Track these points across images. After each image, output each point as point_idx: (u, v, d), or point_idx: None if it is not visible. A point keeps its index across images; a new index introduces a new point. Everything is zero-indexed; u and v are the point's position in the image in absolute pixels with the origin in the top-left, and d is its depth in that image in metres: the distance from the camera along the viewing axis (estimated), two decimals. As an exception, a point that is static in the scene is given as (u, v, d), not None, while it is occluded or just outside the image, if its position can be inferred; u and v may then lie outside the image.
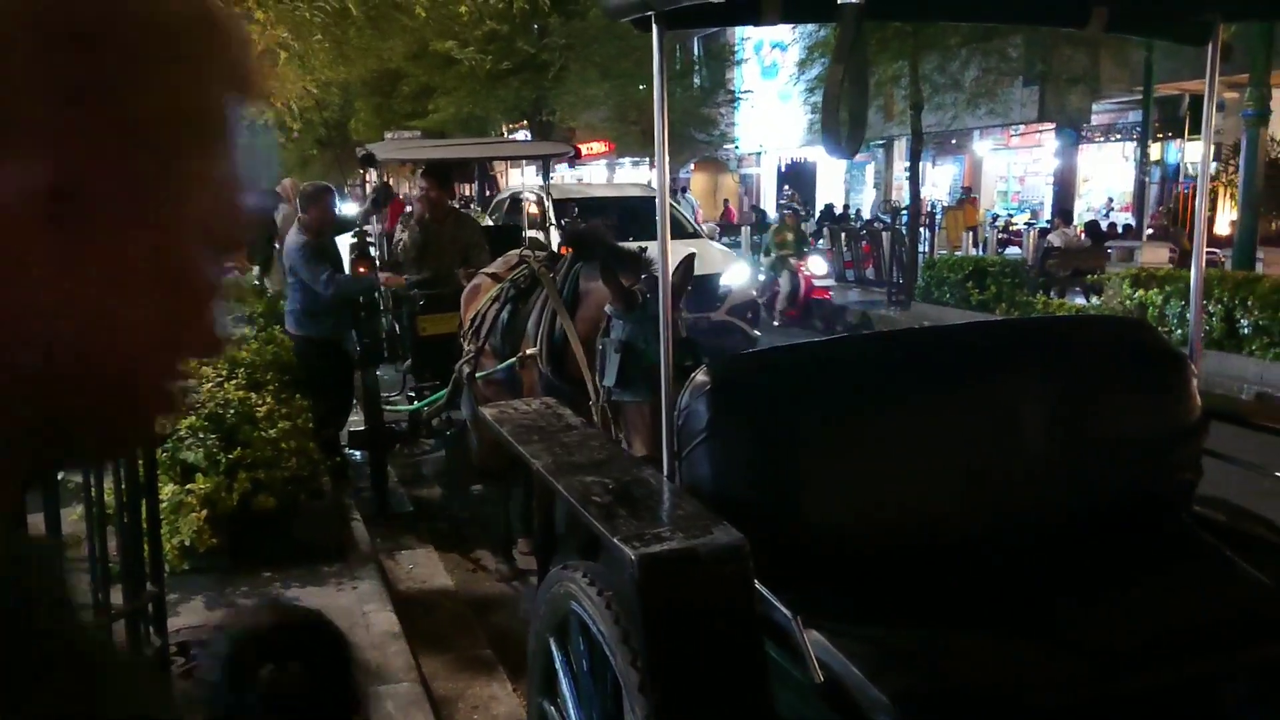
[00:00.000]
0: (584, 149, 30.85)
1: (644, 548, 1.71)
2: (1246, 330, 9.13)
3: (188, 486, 4.04)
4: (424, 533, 5.42)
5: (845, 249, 17.41)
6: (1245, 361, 8.99)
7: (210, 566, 4.10)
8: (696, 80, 24.78)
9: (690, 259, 3.69)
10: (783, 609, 1.79)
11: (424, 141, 11.38)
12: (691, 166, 31.25)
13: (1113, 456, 2.31)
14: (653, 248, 2.77)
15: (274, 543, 4.21)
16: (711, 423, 2.07)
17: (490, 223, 10.74)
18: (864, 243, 16.71)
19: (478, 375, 4.95)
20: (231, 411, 4.45)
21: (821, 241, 19.48)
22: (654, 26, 1.84)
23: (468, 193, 22.94)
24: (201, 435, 4.23)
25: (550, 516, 3.17)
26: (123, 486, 2.79)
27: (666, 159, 1.98)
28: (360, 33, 7.57)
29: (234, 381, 4.87)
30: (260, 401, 4.67)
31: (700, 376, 2.13)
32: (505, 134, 23.17)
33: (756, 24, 1.92)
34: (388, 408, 6.24)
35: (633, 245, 4.23)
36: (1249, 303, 9.11)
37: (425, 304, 6.11)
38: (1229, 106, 16.05)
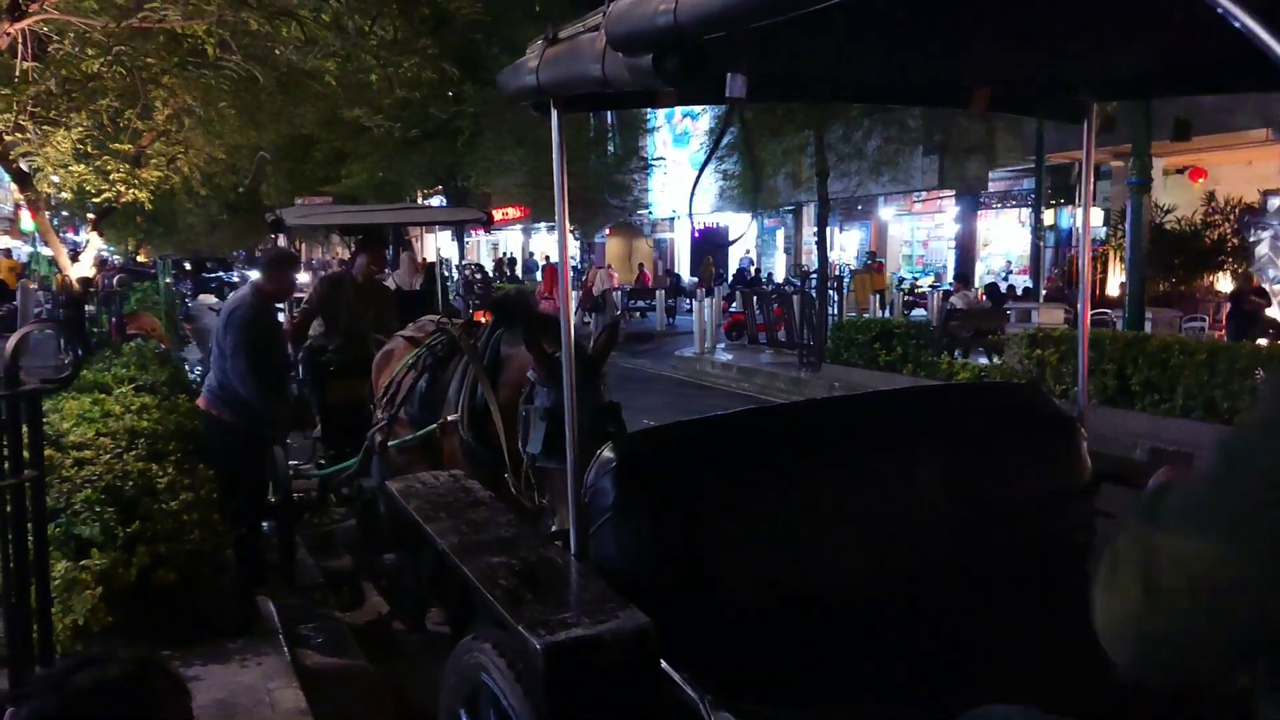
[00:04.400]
0: (499, 214, 31.01)
1: (549, 636, 1.72)
2: (1137, 387, 9.53)
3: (82, 563, 3.88)
4: (334, 604, 5.28)
5: (757, 312, 17.74)
6: (1138, 417, 9.36)
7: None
8: (610, 147, 25.21)
9: (615, 324, 3.73)
10: (690, 691, 1.80)
11: (334, 207, 11.33)
12: (606, 231, 31.59)
13: (1008, 519, 2.39)
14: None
15: (175, 619, 4.06)
16: (618, 500, 2.07)
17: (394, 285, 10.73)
18: (775, 306, 17.06)
19: (391, 444, 4.89)
20: (130, 484, 4.31)
21: (735, 305, 19.84)
22: (552, 110, 1.90)
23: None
24: (98, 509, 4.08)
25: (463, 586, 3.13)
26: (10, 565, 2.68)
27: (567, 232, 2.02)
28: (271, 99, 7.53)
29: (133, 453, 4.73)
30: (161, 472, 4.54)
31: (606, 453, 2.14)
32: (421, 199, 23.16)
33: (651, 107, 2.00)
34: (296, 476, 6.10)
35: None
36: (1139, 361, 9.53)
37: (335, 370, 6.03)
38: (1116, 175, 16.92)
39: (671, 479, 2.13)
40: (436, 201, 22.77)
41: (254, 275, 6.41)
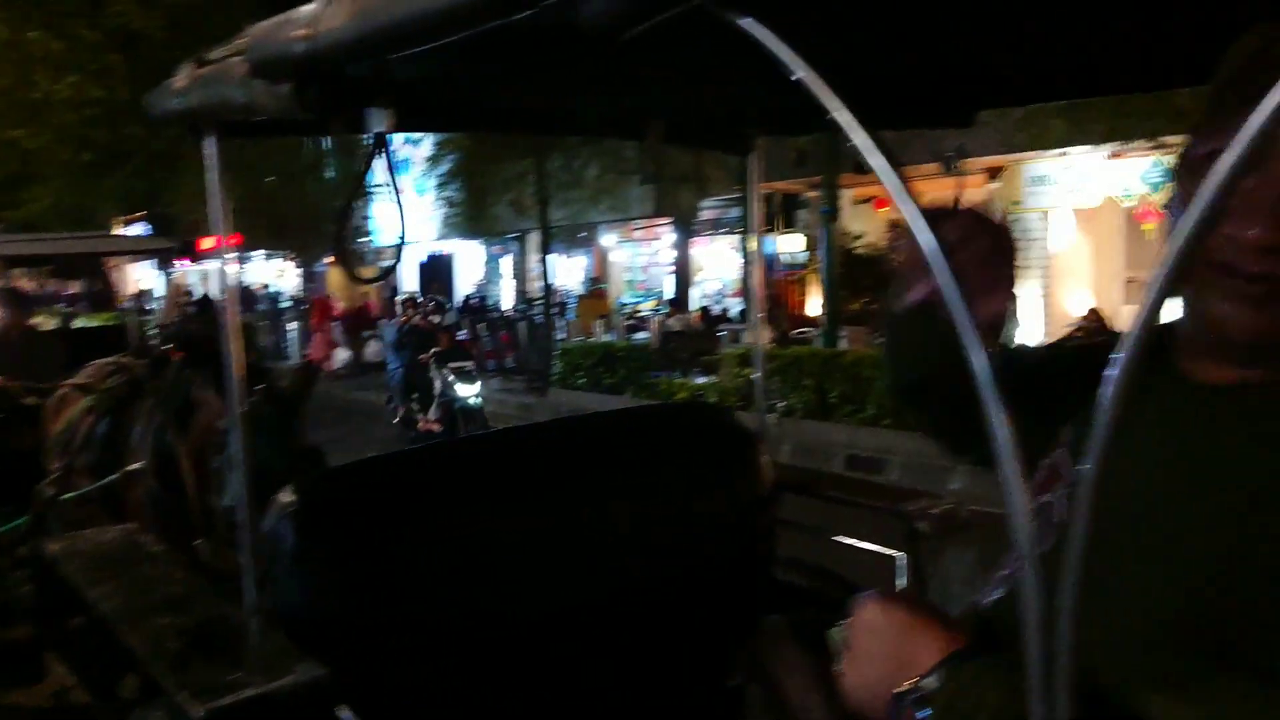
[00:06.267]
0: (208, 242, 29.08)
1: (213, 701, 1.62)
2: (835, 400, 10.31)
3: None
4: (12, 678, 4.71)
5: (485, 339, 17.69)
6: (836, 428, 10.12)
7: None
8: (329, 173, 24.38)
9: (309, 366, 3.58)
10: None
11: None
12: (328, 259, 30.43)
13: (695, 533, 2.50)
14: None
15: None
16: (298, 546, 1.97)
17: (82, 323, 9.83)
18: (503, 333, 17.09)
19: (64, 496, 4.44)
20: None
21: (462, 333, 19.68)
22: (204, 136, 1.79)
23: (74, 290, 20.77)
24: None
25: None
26: None
27: (230, 265, 1.91)
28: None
29: None
30: None
31: (284, 497, 2.03)
32: (122, 228, 21.31)
33: (315, 135, 1.93)
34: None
35: None
36: (836, 375, 10.32)
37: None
38: (812, 204, 18.26)
39: (355, 520, 2.06)
40: (139, 230, 21.04)
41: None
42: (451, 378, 11.71)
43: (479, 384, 11.96)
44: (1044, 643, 0.73)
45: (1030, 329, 16.11)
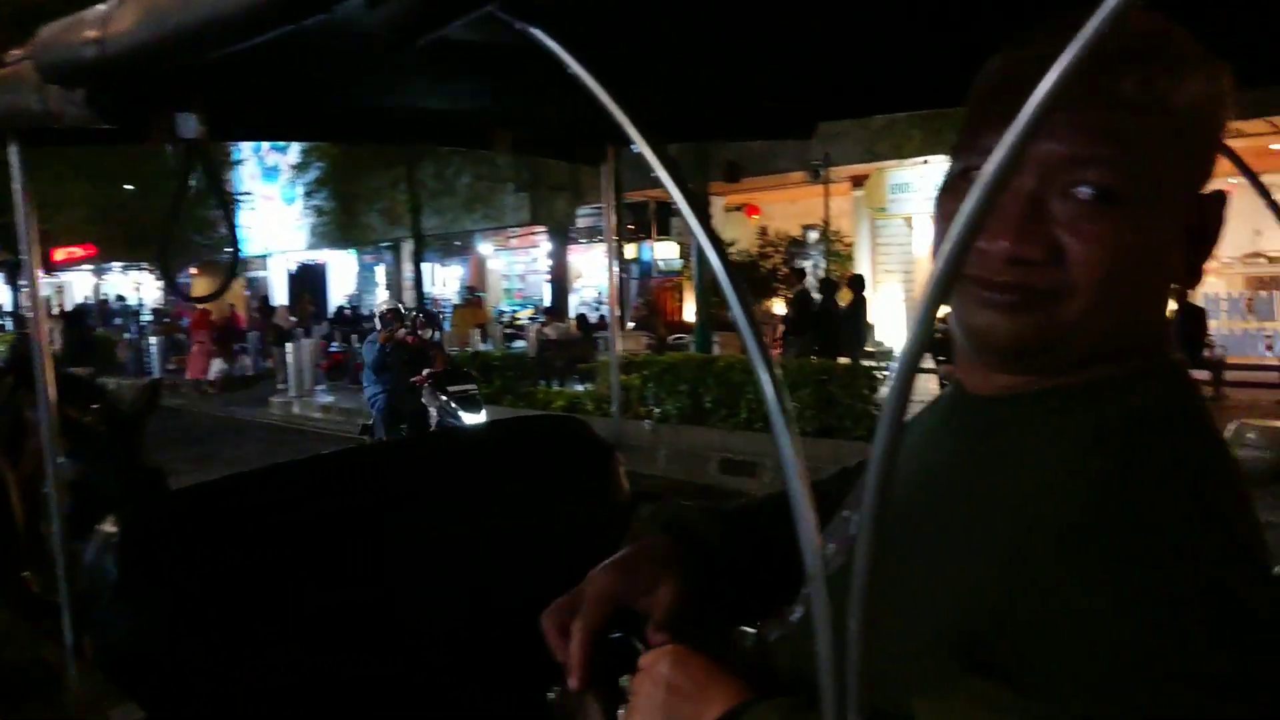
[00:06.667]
0: (62, 253, 27.63)
1: None
2: (709, 404, 10.42)
3: None
4: None
5: (358, 350, 17.26)
6: (710, 432, 10.23)
7: None
8: (193, 181, 23.44)
9: (154, 384, 3.41)
10: None
11: None
12: (192, 270, 29.28)
13: (553, 544, 2.46)
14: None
15: None
16: (119, 579, 1.84)
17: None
18: (376, 344, 16.69)
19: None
20: None
21: (335, 345, 19.16)
22: (9, 145, 1.67)
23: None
24: None
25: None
26: None
27: (38, 274, 1.79)
28: None
29: None
30: None
31: (107, 527, 1.90)
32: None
33: (122, 143, 1.82)
34: None
35: None
36: (709, 380, 10.44)
37: None
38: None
39: (182, 549, 1.94)
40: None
41: None
42: (453, 405, 9.79)
43: (484, 411, 9.96)
44: (837, 664, 0.73)
45: (896, 331, 16.67)
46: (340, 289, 29.68)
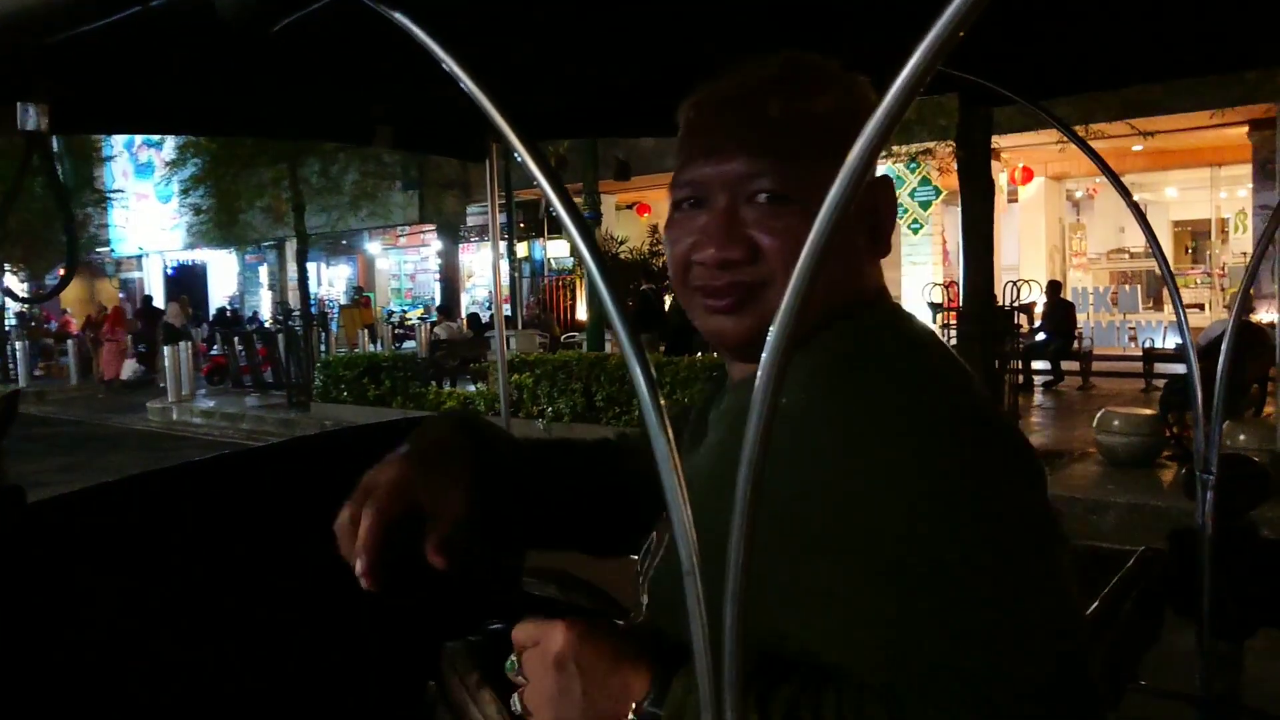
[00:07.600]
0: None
1: None
2: (601, 403, 10.43)
3: None
4: None
5: (240, 353, 16.70)
6: (603, 431, 10.21)
7: None
8: (62, 176, 22.34)
9: (13, 395, 3.21)
10: None
11: None
12: (60, 271, 27.94)
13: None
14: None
15: None
16: None
17: None
18: (260, 346, 16.17)
19: None
20: None
21: (216, 348, 18.51)
22: None
23: None
24: None
25: None
26: None
27: None
28: None
29: None
30: None
31: None
32: None
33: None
34: None
35: None
36: (602, 378, 10.44)
37: None
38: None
39: (25, 570, 1.81)
40: None
41: None
42: None
43: None
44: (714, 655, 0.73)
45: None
46: (221, 290, 28.72)
